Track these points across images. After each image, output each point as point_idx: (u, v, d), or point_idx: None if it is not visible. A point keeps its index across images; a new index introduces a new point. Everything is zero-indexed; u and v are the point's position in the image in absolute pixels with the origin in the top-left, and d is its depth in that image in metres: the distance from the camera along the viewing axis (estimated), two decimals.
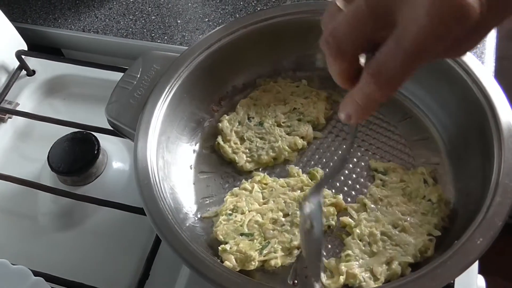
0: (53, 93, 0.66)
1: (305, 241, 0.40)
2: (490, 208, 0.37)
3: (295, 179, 0.48)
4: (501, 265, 0.96)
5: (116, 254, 0.51)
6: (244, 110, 0.53)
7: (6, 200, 0.57)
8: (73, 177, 0.55)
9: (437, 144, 0.49)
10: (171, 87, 0.49)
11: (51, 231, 0.54)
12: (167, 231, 0.39)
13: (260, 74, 0.55)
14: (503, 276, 1.05)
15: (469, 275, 0.44)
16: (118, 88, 0.50)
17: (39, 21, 0.71)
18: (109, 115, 0.48)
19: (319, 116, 0.52)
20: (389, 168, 0.47)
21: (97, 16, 0.70)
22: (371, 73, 0.27)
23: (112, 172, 0.57)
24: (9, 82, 0.64)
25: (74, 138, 0.56)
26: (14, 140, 0.62)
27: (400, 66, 0.26)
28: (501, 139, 0.40)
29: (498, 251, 0.49)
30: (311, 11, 0.53)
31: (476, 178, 0.42)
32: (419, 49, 0.26)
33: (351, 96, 0.29)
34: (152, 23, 0.68)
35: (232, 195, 0.47)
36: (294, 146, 0.50)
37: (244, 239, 0.44)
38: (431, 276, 0.35)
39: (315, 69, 0.56)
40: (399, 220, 0.44)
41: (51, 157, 0.55)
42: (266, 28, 0.53)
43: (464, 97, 0.44)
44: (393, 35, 0.26)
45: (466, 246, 0.36)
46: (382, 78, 0.27)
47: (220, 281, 0.37)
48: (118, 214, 0.52)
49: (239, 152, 0.50)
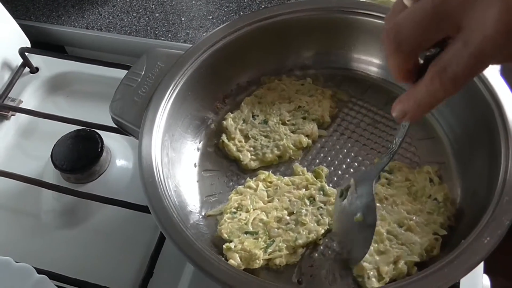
0: (56, 90, 0.66)
1: (351, 229, 0.42)
2: (497, 207, 0.37)
3: (300, 177, 0.48)
4: (505, 265, 0.96)
5: (119, 252, 0.51)
6: (249, 108, 0.53)
7: (9, 197, 0.57)
8: (76, 174, 0.55)
9: (443, 144, 0.49)
10: (176, 84, 0.49)
11: (55, 229, 0.54)
12: (172, 229, 0.39)
13: (264, 72, 0.55)
14: (506, 276, 1.05)
15: (474, 274, 0.43)
16: (122, 86, 0.50)
17: (42, 18, 0.71)
18: (113, 113, 0.48)
19: (324, 114, 0.51)
20: (395, 167, 0.47)
21: (101, 13, 0.70)
22: (436, 70, 0.29)
23: (115, 170, 0.57)
24: (12, 79, 0.64)
25: (78, 136, 0.56)
26: (17, 137, 0.62)
27: (465, 68, 0.28)
28: (508, 138, 0.40)
29: (503, 251, 0.49)
30: (316, 8, 0.53)
31: (483, 177, 0.42)
32: (484, 55, 0.27)
33: (410, 93, 0.31)
34: (156, 20, 0.68)
35: (236, 193, 0.47)
36: (299, 144, 0.50)
37: (249, 238, 0.44)
38: (438, 276, 0.35)
39: (320, 67, 0.55)
40: (405, 219, 0.43)
41: (54, 154, 0.55)
42: (270, 26, 0.53)
43: (470, 95, 0.44)
44: (460, 38, 0.28)
45: (473, 246, 0.36)
46: (446, 77, 0.28)
47: (225, 280, 0.36)
48: (122, 212, 0.52)
49: (244, 150, 0.50)
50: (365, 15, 0.51)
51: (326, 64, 0.55)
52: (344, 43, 0.54)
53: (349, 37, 0.53)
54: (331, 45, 0.54)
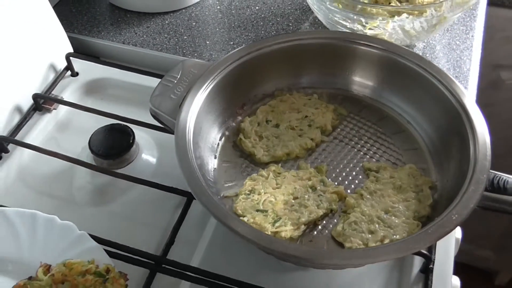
0: (92, 93, 0.75)
1: None
2: (465, 194, 0.46)
3: (304, 171, 0.57)
4: None
5: (145, 226, 0.58)
6: (263, 115, 0.62)
7: (46, 176, 0.65)
8: (109, 160, 0.63)
9: (424, 153, 0.59)
10: (206, 87, 0.58)
11: (86, 206, 0.62)
12: (205, 196, 0.47)
13: (278, 87, 0.65)
14: None
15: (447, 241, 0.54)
16: (161, 85, 0.59)
17: (84, 32, 0.81)
18: (153, 105, 0.57)
19: (327, 124, 0.61)
20: (381, 167, 0.57)
21: (136, 32, 0.81)
22: None
23: (141, 162, 0.66)
24: (56, 80, 0.73)
25: (113, 128, 0.65)
26: (56, 129, 0.70)
27: None
28: (475, 138, 0.50)
29: None
30: (323, 37, 0.63)
31: (456, 175, 0.51)
32: None
33: None
34: (184, 41, 0.79)
35: (250, 180, 0.56)
36: (304, 146, 0.59)
37: (259, 214, 0.52)
38: (416, 239, 0.43)
39: (325, 87, 0.66)
40: (390, 208, 0.52)
41: (92, 142, 0.63)
42: (285, 48, 0.63)
43: (443, 106, 0.55)
44: None
45: (444, 220, 0.44)
46: None
47: (249, 235, 0.44)
48: (147, 193, 0.60)
49: (258, 146, 0.59)
50: (364, 45, 0.61)
51: (329, 84, 0.65)
52: (345, 67, 0.64)
53: (350, 63, 0.64)
54: (335, 68, 0.64)
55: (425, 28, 0.69)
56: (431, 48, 0.77)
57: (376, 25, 0.68)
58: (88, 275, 0.47)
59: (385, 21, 0.68)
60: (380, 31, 0.69)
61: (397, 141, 0.60)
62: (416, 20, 0.68)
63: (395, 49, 0.60)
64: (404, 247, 0.43)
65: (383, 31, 0.69)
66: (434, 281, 0.52)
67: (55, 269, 0.48)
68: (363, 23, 0.68)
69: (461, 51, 0.77)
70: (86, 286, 0.47)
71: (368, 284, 0.54)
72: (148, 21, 0.83)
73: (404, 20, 0.68)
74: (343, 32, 0.70)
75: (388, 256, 0.44)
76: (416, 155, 0.59)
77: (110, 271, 0.48)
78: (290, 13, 0.83)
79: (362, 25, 0.69)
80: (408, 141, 0.60)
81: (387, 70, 0.61)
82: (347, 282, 0.54)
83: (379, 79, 0.63)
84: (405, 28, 0.69)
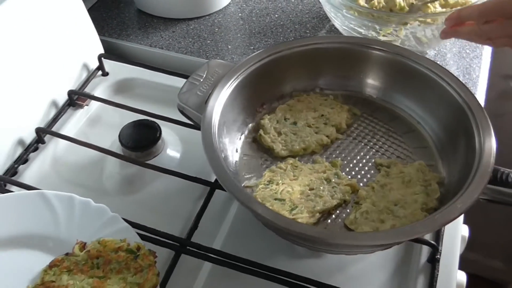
0: (121, 92, 0.80)
1: None
2: (470, 185, 0.50)
3: (320, 164, 0.61)
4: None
5: (171, 213, 0.62)
6: (282, 113, 0.67)
7: (77, 168, 0.69)
8: (137, 152, 0.68)
9: (433, 152, 0.62)
10: (229, 86, 0.62)
11: (115, 195, 0.66)
12: (229, 182, 0.51)
13: (296, 88, 0.69)
14: None
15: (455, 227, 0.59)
16: (188, 82, 0.64)
17: (114, 35, 0.87)
18: (180, 100, 0.62)
19: (342, 122, 0.65)
20: (391, 163, 0.60)
21: (162, 36, 0.86)
22: None
23: (166, 157, 0.70)
24: (88, 79, 0.78)
25: (141, 124, 0.70)
26: (87, 124, 0.75)
27: None
28: (481, 142, 0.53)
29: None
30: (339, 42, 0.68)
31: (462, 171, 0.55)
32: None
33: None
34: (207, 45, 0.84)
35: (269, 171, 0.60)
36: (320, 142, 0.63)
37: (277, 203, 0.56)
38: (423, 224, 0.47)
39: (339, 89, 0.70)
40: (399, 200, 0.56)
41: (121, 135, 0.68)
42: (303, 52, 0.67)
43: (450, 105, 0.59)
44: None
45: (449, 208, 0.48)
46: None
47: (269, 217, 0.48)
48: (171, 184, 0.65)
49: (276, 142, 0.63)
50: (378, 50, 0.66)
51: (344, 87, 0.70)
52: (359, 70, 0.68)
53: (364, 66, 0.68)
54: (350, 71, 0.69)
55: (435, 36, 0.73)
56: (442, 56, 0.81)
57: (389, 32, 0.73)
58: (121, 252, 0.52)
59: (398, 28, 0.72)
60: (393, 37, 0.74)
61: (407, 140, 0.64)
62: (427, 28, 0.72)
63: (406, 54, 0.64)
64: (411, 231, 0.47)
65: (396, 37, 0.74)
66: (440, 272, 0.56)
67: (90, 246, 0.53)
68: (378, 30, 0.73)
69: (471, 59, 0.81)
70: (119, 262, 0.51)
71: (377, 273, 0.57)
72: (174, 26, 0.88)
73: (416, 28, 0.72)
74: (358, 37, 0.75)
75: (397, 238, 0.48)
76: (425, 153, 0.62)
77: (141, 248, 0.52)
78: (308, 21, 0.88)
79: (376, 32, 0.73)
80: (417, 140, 0.64)
81: (399, 73, 0.66)
82: (357, 271, 0.57)
83: (391, 81, 0.67)
84: (417, 35, 0.73)
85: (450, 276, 0.56)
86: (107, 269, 0.51)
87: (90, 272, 0.51)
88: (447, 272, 0.57)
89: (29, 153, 0.68)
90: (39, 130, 0.69)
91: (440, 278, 0.55)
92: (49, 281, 0.50)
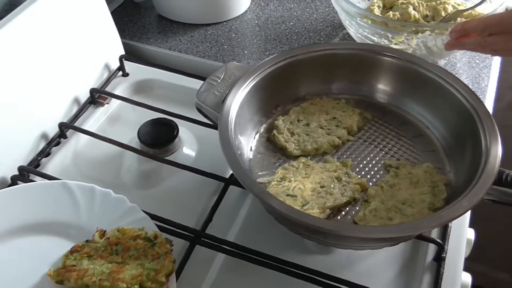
0: (140, 92, 0.83)
1: None
2: (476, 185, 0.52)
3: (331, 164, 0.63)
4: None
5: (185, 208, 0.65)
6: (295, 115, 0.69)
7: (97, 162, 0.72)
8: (155, 149, 0.70)
9: (441, 155, 0.64)
10: (245, 87, 0.65)
11: (133, 189, 0.68)
12: (244, 176, 0.54)
13: (309, 91, 0.72)
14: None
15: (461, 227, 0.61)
16: (206, 83, 0.66)
17: (134, 39, 0.90)
18: (199, 99, 0.64)
19: (353, 125, 0.68)
20: (400, 164, 0.63)
21: (181, 40, 0.89)
22: None
23: (182, 154, 0.73)
24: (109, 78, 0.82)
25: (159, 122, 0.73)
26: (107, 121, 0.78)
27: None
28: (487, 145, 0.56)
29: None
30: (353, 48, 0.70)
31: (469, 172, 0.57)
32: None
33: None
34: (224, 50, 0.87)
35: (282, 169, 0.62)
36: (332, 143, 0.66)
37: (289, 198, 0.58)
38: (429, 220, 0.49)
39: (352, 93, 0.72)
40: (407, 199, 0.58)
41: (140, 132, 0.71)
42: (317, 57, 0.70)
43: (457, 110, 0.61)
44: None
45: (455, 206, 0.50)
46: None
47: (283, 209, 0.50)
48: (187, 180, 0.67)
49: (290, 141, 0.66)
50: (389, 57, 0.68)
51: (356, 91, 0.72)
52: (371, 76, 0.71)
53: (376, 72, 0.70)
54: (362, 77, 0.71)
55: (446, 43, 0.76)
56: (452, 66, 0.84)
57: (401, 40, 0.75)
58: (139, 240, 0.54)
59: (410, 37, 0.74)
60: (405, 46, 0.76)
61: (416, 143, 0.66)
62: (438, 38, 0.75)
63: (417, 61, 0.67)
64: (419, 225, 0.49)
65: (407, 46, 0.76)
66: (445, 270, 0.58)
67: (110, 234, 0.55)
68: (390, 38, 0.75)
69: (480, 69, 0.83)
70: (137, 249, 0.53)
71: (384, 270, 0.59)
72: (192, 31, 0.91)
73: (427, 37, 0.74)
74: (371, 44, 0.77)
75: (404, 232, 0.50)
76: (434, 156, 0.64)
77: (158, 237, 0.54)
78: (322, 29, 0.91)
79: (388, 40, 0.76)
80: (426, 144, 0.66)
81: (409, 79, 0.68)
82: (365, 267, 0.59)
83: (402, 87, 0.69)
84: (428, 44, 0.75)
85: (455, 274, 0.58)
86: (125, 256, 0.53)
87: (109, 258, 0.53)
88: (452, 271, 0.58)
89: (51, 147, 0.71)
90: (62, 125, 0.72)
91: (445, 276, 0.57)
92: (70, 265, 0.53)
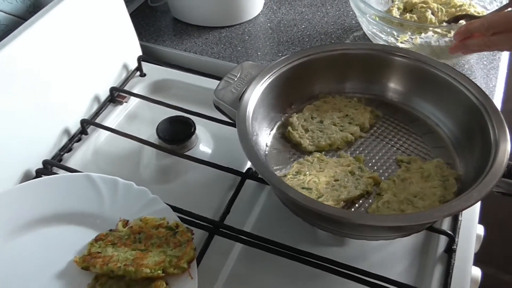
0: (156, 92, 0.85)
1: None
2: (485, 177, 0.54)
3: (345, 158, 0.65)
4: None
5: (203, 201, 0.67)
6: (309, 112, 0.72)
7: (116, 158, 0.75)
8: (173, 145, 0.73)
9: (451, 151, 0.66)
10: (261, 85, 0.67)
11: (152, 183, 0.70)
12: (262, 167, 0.56)
13: (322, 90, 0.74)
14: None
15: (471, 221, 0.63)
16: (223, 81, 0.69)
17: (151, 41, 0.93)
18: (216, 96, 0.67)
19: (365, 122, 0.70)
20: (411, 159, 0.65)
21: (196, 42, 0.92)
22: None
23: (199, 151, 0.75)
24: (127, 78, 0.84)
25: (177, 119, 0.75)
26: (126, 119, 0.81)
27: None
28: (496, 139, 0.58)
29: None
30: (366, 48, 0.73)
31: (478, 166, 0.59)
32: None
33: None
34: (238, 52, 0.90)
35: (298, 163, 0.65)
36: (345, 139, 0.68)
37: (305, 191, 0.61)
38: (440, 209, 0.51)
39: (363, 92, 0.75)
40: (418, 192, 0.60)
41: (159, 128, 0.73)
42: (330, 57, 0.72)
43: (466, 106, 0.63)
44: None
45: (466, 197, 0.52)
46: None
47: (299, 198, 0.52)
48: (204, 175, 0.70)
49: (304, 137, 0.68)
50: (401, 57, 0.70)
51: (368, 90, 0.74)
52: (383, 76, 0.73)
53: (387, 72, 0.72)
54: (373, 76, 0.73)
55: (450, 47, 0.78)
56: (460, 66, 0.86)
57: (406, 39, 0.77)
58: (161, 229, 0.56)
59: (414, 36, 0.77)
60: (410, 45, 0.78)
61: (426, 140, 0.68)
62: (441, 39, 0.77)
63: (426, 60, 0.69)
64: (431, 214, 0.51)
65: (412, 45, 0.78)
66: (456, 262, 0.59)
67: (133, 223, 0.58)
68: (395, 36, 0.78)
69: (488, 70, 0.85)
70: (159, 237, 0.56)
71: (396, 261, 0.61)
72: (207, 34, 0.94)
73: (430, 38, 0.77)
74: (382, 44, 0.80)
75: (416, 221, 0.51)
76: (444, 152, 0.67)
77: (179, 226, 0.57)
78: (333, 32, 0.93)
79: (394, 38, 0.78)
80: (436, 140, 0.68)
81: (419, 78, 0.70)
82: (377, 259, 0.61)
83: (412, 86, 0.71)
84: (431, 44, 0.78)
85: (465, 266, 0.60)
86: (148, 243, 0.56)
87: (133, 245, 0.56)
88: (462, 263, 0.60)
89: (73, 142, 0.74)
90: (83, 121, 0.74)
91: (456, 268, 0.59)
92: (95, 252, 0.55)
